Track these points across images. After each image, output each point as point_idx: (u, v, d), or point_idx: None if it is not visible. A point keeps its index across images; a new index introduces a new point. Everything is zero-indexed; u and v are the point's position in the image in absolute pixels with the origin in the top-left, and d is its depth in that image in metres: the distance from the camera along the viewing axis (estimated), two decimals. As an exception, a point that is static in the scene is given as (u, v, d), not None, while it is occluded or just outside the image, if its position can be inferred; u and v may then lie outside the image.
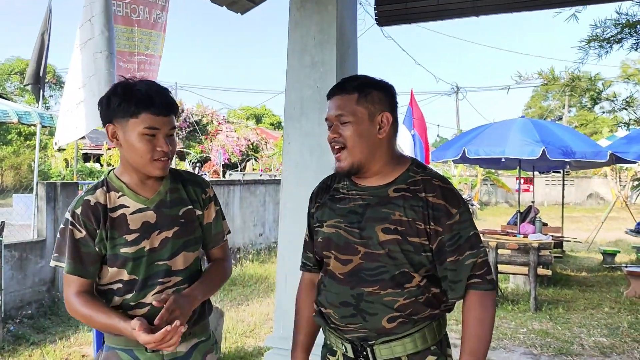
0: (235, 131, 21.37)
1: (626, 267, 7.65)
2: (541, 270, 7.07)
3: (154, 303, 1.66)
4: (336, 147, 1.61)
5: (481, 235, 1.67)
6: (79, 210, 1.68)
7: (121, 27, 3.54)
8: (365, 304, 1.57)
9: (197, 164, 19.26)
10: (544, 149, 6.73)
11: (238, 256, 9.57)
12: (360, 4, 4.50)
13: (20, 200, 8.85)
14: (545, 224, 9.05)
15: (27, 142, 24.65)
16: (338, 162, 1.62)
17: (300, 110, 3.14)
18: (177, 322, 1.55)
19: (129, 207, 1.70)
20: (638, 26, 4.44)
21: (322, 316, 1.72)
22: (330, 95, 1.66)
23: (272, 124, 32.90)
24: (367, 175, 1.64)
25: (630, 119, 5.64)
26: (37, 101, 6.74)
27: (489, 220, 16.91)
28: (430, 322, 1.61)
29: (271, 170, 19.21)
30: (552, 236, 7.97)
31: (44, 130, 23.14)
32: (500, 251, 6.78)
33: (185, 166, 18.81)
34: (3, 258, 4.93)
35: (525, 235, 7.32)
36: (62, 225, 1.72)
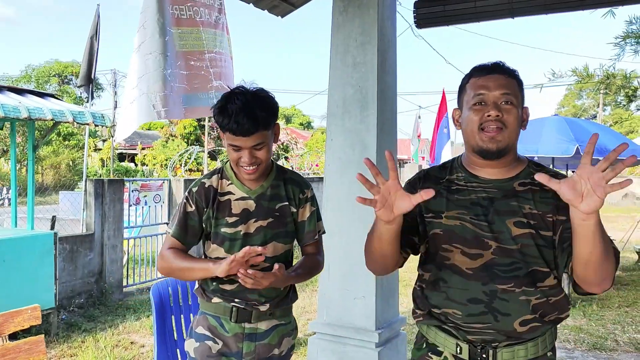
0: (265, 131, 21.57)
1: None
2: (575, 268, 7.05)
3: (259, 249, 1.77)
4: (494, 126, 1.51)
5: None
6: (195, 189, 1.96)
7: (187, 29, 3.78)
8: (499, 302, 1.50)
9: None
10: (577, 147, 6.74)
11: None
12: (400, 4, 4.63)
13: (66, 197, 9.30)
14: (578, 223, 8.99)
15: (66, 142, 25.49)
16: (492, 140, 1.51)
17: (342, 108, 3.30)
18: (251, 271, 1.76)
19: (234, 194, 1.96)
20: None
21: (432, 316, 1.63)
22: (487, 72, 1.57)
23: (301, 124, 33.17)
24: (498, 165, 1.57)
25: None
26: (89, 101, 7.11)
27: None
28: (552, 327, 1.59)
29: (301, 169, 19.40)
30: (586, 234, 7.92)
31: (81, 131, 23.83)
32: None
33: (217, 164, 19.18)
34: (57, 250, 5.24)
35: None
36: (181, 200, 2.02)
